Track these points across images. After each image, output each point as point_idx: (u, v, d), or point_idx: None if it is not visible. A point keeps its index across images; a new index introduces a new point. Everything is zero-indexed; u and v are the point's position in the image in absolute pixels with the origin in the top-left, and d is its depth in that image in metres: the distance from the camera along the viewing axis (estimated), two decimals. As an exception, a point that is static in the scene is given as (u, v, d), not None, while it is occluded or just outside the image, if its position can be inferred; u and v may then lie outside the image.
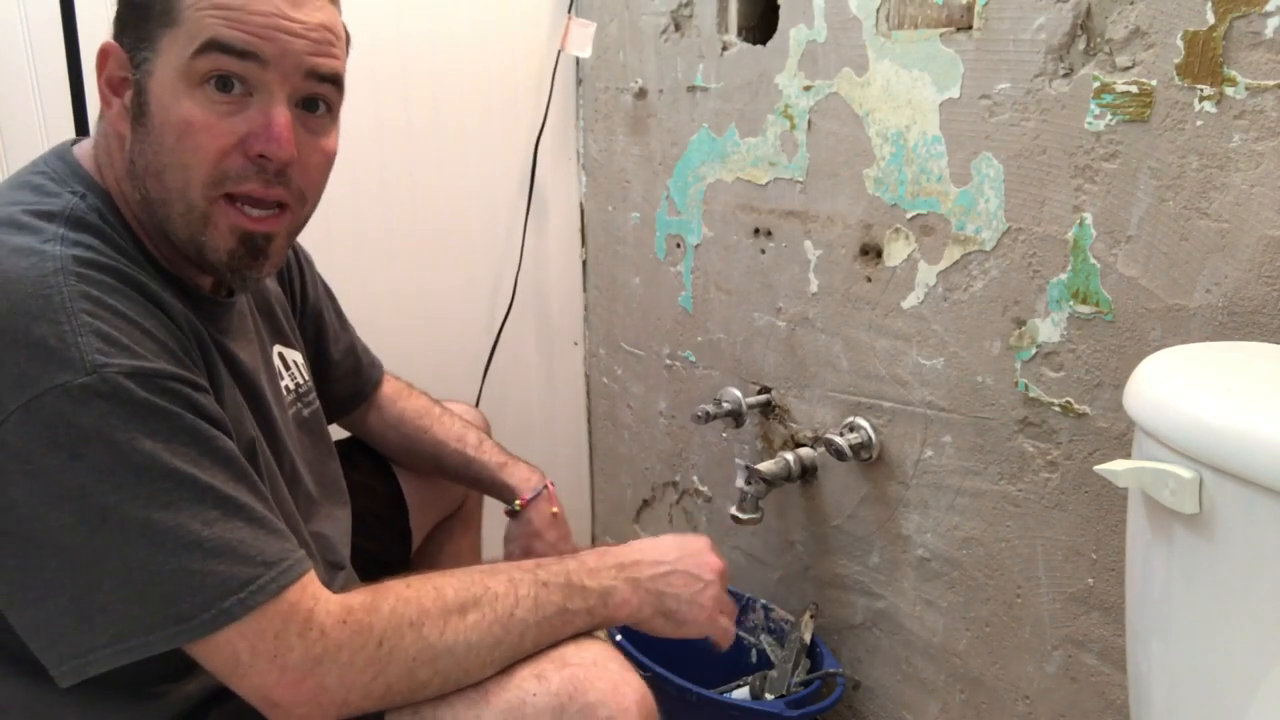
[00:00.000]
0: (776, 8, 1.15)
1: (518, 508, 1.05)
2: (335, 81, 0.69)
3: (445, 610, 0.66)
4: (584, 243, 1.63)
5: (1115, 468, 0.63)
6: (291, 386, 0.87)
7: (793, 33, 1.13)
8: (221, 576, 0.59)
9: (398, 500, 1.08)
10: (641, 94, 1.41)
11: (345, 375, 1.03)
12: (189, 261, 0.71)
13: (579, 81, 1.56)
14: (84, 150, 0.71)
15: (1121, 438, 0.87)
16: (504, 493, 1.06)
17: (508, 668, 0.68)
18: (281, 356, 0.87)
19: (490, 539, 1.22)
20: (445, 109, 1.42)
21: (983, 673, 1.05)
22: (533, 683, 0.67)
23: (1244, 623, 0.58)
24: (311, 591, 0.63)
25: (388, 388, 1.08)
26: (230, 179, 0.66)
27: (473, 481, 1.08)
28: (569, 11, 1.48)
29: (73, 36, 1.10)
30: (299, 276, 0.96)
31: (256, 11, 0.64)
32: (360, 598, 0.65)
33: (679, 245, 1.40)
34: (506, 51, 1.46)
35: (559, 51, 1.48)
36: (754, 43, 1.21)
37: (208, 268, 0.70)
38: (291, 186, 0.69)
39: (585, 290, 1.65)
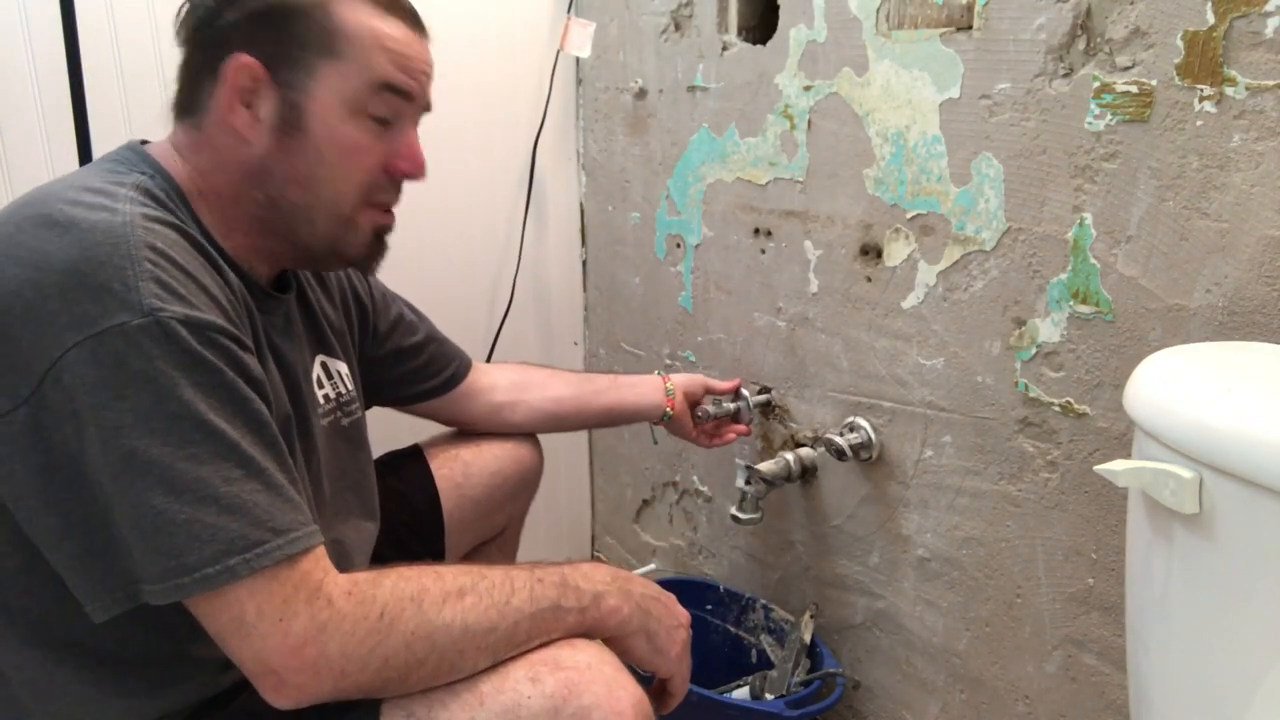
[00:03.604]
0: (776, 8, 1.15)
1: (670, 415, 1.20)
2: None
3: (444, 591, 0.68)
4: (584, 243, 1.63)
5: (1115, 468, 0.63)
6: (331, 395, 0.89)
7: (793, 33, 1.13)
8: (231, 534, 0.60)
9: (436, 518, 1.09)
10: (641, 94, 1.41)
11: (432, 360, 1.07)
12: (293, 250, 0.78)
13: (579, 81, 1.56)
14: (154, 148, 0.76)
15: (1121, 438, 0.87)
16: (650, 415, 1.20)
17: (502, 669, 0.69)
18: (324, 366, 0.89)
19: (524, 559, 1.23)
20: (444, 109, 1.40)
21: (983, 673, 1.05)
22: (528, 685, 0.68)
23: (1244, 623, 0.58)
24: (323, 565, 0.65)
25: (502, 371, 1.18)
26: (377, 192, 0.78)
27: (618, 422, 1.23)
28: (568, 11, 1.48)
29: (73, 37, 1.10)
30: (362, 283, 1.01)
31: (415, 56, 0.76)
32: (364, 574, 0.67)
33: (679, 245, 1.40)
34: (506, 51, 1.46)
35: (558, 51, 1.48)
36: (754, 43, 1.21)
37: (336, 260, 0.80)
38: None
39: (585, 290, 1.65)
